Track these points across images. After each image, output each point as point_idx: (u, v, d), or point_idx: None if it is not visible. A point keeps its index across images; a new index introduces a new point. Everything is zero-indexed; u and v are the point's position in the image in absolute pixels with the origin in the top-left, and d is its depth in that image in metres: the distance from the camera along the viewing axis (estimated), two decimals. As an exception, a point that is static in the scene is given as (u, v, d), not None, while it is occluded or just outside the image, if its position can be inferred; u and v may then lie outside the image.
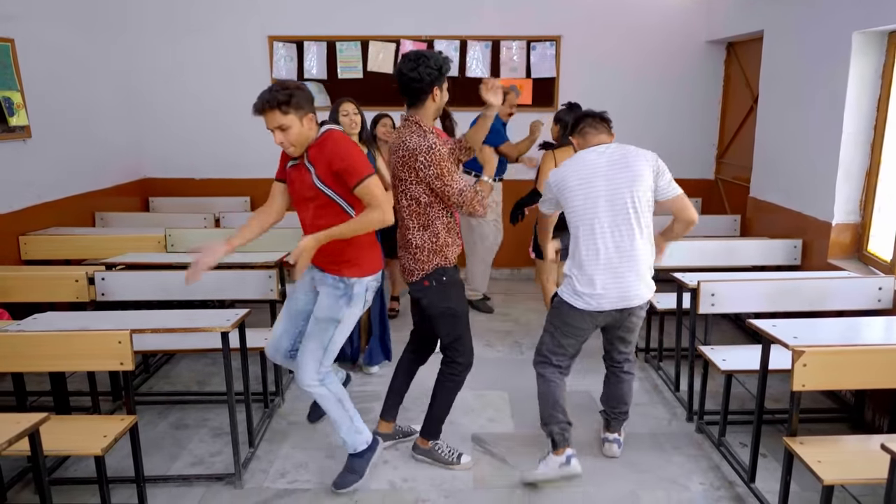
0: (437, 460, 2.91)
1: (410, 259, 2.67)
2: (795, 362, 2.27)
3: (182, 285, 3.33)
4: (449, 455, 2.92)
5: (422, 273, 2.65)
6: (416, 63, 2.50)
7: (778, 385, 3.43)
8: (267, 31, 5.61)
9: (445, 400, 2.88)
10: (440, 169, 2.51)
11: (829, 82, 3.70)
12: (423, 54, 2.53)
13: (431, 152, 2.50)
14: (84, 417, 2.90)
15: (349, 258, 2.55)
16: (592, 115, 2.81)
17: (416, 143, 2.51)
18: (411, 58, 2.53)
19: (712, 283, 3.14)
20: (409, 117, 2.61)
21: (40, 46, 4.36)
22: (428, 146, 2.50)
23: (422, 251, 2.63)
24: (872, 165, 3.60)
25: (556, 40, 5.63)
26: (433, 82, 2.54)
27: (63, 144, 4.61)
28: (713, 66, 5.68)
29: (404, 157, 2.54)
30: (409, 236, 2.65)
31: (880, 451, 1.96)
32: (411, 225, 2.64)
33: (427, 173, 2.51)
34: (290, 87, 2.38)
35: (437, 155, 2.51)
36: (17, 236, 4.16)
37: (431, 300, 2.70)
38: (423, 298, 2.72)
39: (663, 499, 2.74)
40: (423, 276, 2.65)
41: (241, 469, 2.86)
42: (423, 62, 2.50)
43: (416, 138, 2.53)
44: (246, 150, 5.73)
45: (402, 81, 2.56)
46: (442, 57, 2.56)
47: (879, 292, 3.13)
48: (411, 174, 2.55)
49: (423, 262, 2.64)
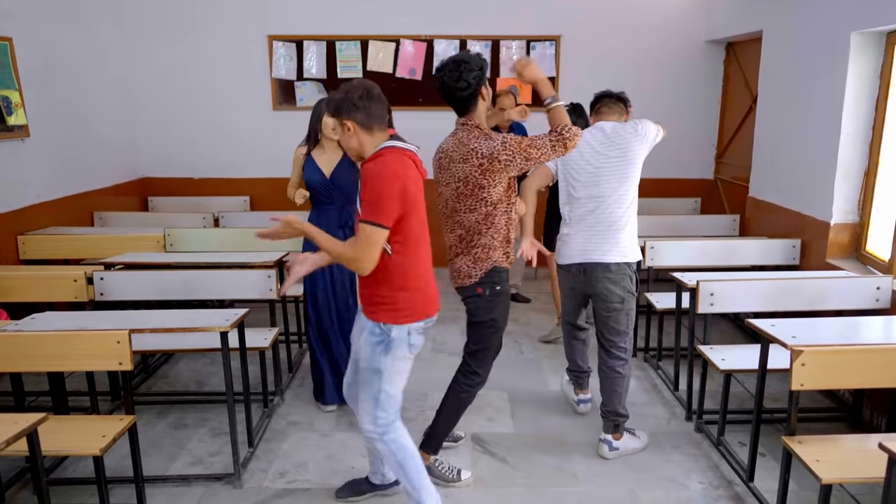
0: (436, 477, 2.78)
1: (471, 261, 2.61)
2: (794, 362, 2.27)
3: (181, 285, 3.35)
4: (449, 472, 2.83)
5: (480, 272, 2.59)
6: (459, 71, 2.45)
7: (776, 384, 3.43)
8: (266, 30, 5.61)
9: (453, 414, 2.81)
10: (524, 146, 2.47)
11: (828, 82, 3.70)
12: (461, 59, 2.48)
13: (506, 145, 2.47)
14: (83, 417, 2.90)
15: (383, 300, 2.29)
16: (609, 95, 3.10)
17: (491, 147, 2.47)
18: (450, 67, 2.47)
19: (711, 282, 3.14)
20: (467, 122, 2.56)
21: (38, 45, 4.36)
22: (502, 141, 2.48)
23: (484, 249, 2.59)
24: (871, 165, 3.60)
25: (555, 40, 5.63)
26: (479, 83, 2.50)
27: (61, 144, 4.61)
28: (712, 66, 5.68)
29: (482, 164, 2.48)
30: (478, 241, 2.59)
31: (878, 451, 1.96)
32: (483, 231, 2.59)
33: (517, 163, 2.48)
34: (343, 93, 2.22)
35: (513, 142, 2.47)
36: (15, 236, 4.15)
37: (479, 307, 2.65)
38: (471, 303, 2.67)
39: (662, 498, 2.74)
40: (478, 281, 2.60)
41: (241, 469, 2.85)
42: (465, 67, 2.46)
43: (486, 143, 2.49)
44: (245, 149, 5.74)
45: (448, 92, 2.51)
46: (478, 57, 2.52)
47: (877, 292, 3.14)
48: (496, 177, 2.50)
49: (484, 261, 2.59)
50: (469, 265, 2.61)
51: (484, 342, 2.72)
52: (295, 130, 3.84)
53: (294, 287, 4.14)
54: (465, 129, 2.56)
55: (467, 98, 2.51)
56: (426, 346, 4.32)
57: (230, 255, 3.95)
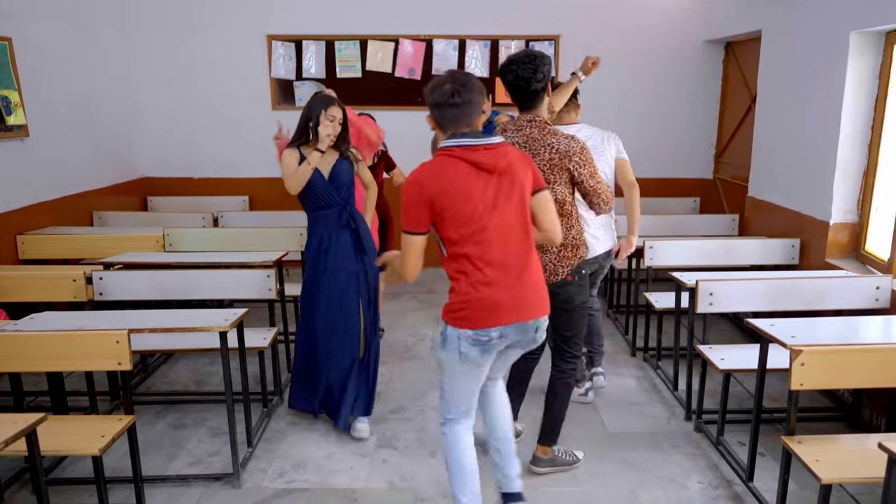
0: (561, 465, 2.87)
1: (554, 258, 2.63)
2: (793, 361, 2.27)
3: (180, 285, 3.35)
4: (568, 457, 2.92)
5: (566, 270, 2.64)
6: (535, 65, 2.44)
7: (776, 384, 3.43)
8: (265, 29, 5.61)
9: (565, 402, 2.84)
10: (593, 168, 2.56)
11: (827, 82, 3.70)
12: (533, 54, 2.47)
13: (584, 152, 2.53)
14: (82, 417, 2.90)
15: (449, 296, 2.25)
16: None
17: (568, 145, 2.51)
18: (525, 60, 2.45)
19: (710, 282, 3.14)
20: (535, 118, 2.56)
21: (38, 45, 4.35)
22: (581, 146, 2.53)
23: (566, 248, 2.62)
24: (870, 165, 3.60)
25: (554, 39, 5.63)
26: (547, 78, 2.52)
27: (61, 143, 4.60)
28: (711, 66, 5.68)
29: (552, 159, 2.52)
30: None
31: (878, 451, 1.96)
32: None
33: (582, 172, 2.53)
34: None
35: (589, 154, 2.56)
36: (14, 235, 4.15)
37: (572, 294, 2.68)
38: (563, 293, 2.67)
39: (661, 498, 2.74)
40: (567, 273, 2.65)
41: (240, 469, 2.85)
42: (542, 61, 2.45)
43: (564, 140, 2.52)
44: (244, 149, 5.73)
45: (521, 86, 2.49)
46: (542, 53, 2.51)
47: (877, 291, 3.14)
48: (562, 175, 2.54)
49: (569, 259, 2.64)
50: (554, 263, 2.63)
51: (579, 325, 2.77)
52: (294, 130, 3.83)
53: (293, 286, 4.15)
54: (536, 126, 2.56)
55: (536, 91, 2.50)
56: (425, 346, 4.32)
57: (229, 255, 3.94)
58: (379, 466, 2.95)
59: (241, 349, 2.94)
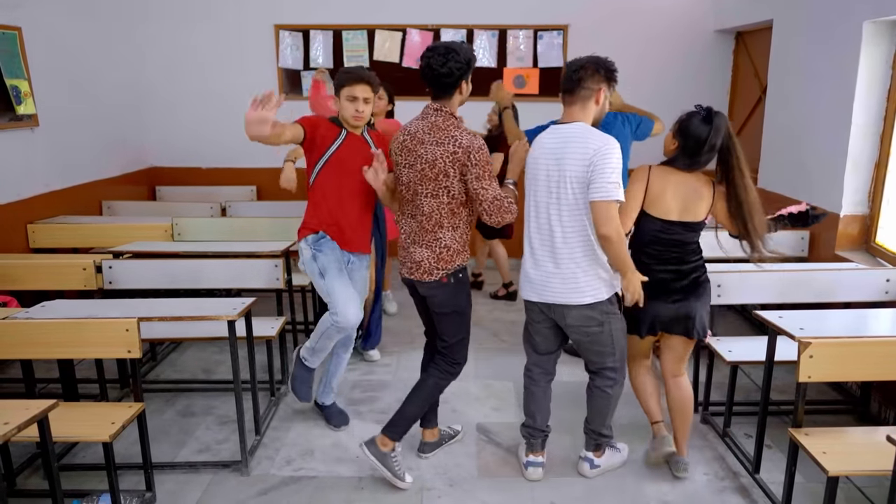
0: (387, 468, 2.68)
1: (433, 258, 2.57)
2: (801, 354, 2.27)
3: (189, 274, 3.37)
4: (398, 468, 2.71)
5: (443, 272, 2.58)
6: (446, 58, 2.45)
7: (783, 376, 3.42)
8: (273, 19, 5.60)
9: (427, 400, 2.78)
10: (484, 171, 2.46)
11: (839, 72, 3.66)
12: (451, 48, 2.47)
13: (481, 152, 2.46)
14: (92, 404, 2.92)
15: None
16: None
17: (469, 141, 2.46)
18: (440, 52, 2.46)
19: (718, 273, 3.12)
20: (442, 108, 2.53)
21: (47, 35, 4.36)
22: (479, 145, 2.47)
23: (448, 251, 2.57)
24: (881, 157, 3.57)
25: (563, 29, 5.59)
26: (462, 76, 2.50)
27: (70, 133, 4.62)
28: (721, 56, 5.63)
29: (455, 153, 2.46)
30: (440, 235, 2.56)
31: (886, 443, 1.96)
32: (445, 224, 2.55)
33: (470, 172, 2.46)
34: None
35: (485, 156, 2.47)
36: (25, 224, 4.18)
37: (446, 298, 2.63)
38: (437, 296, 2.64)
39: (668, 489, 2.75)
40: (443, 275, 2.59)
41: (248, 456, 2.87)
42: (453, 56, 2.45)
43: (466, 135, 2.48)
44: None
45: (431, 75, 2.49)
46: (470, 50, 2.52)
47: (887, 284, 3.11)
48: (458, 170, 2.48)
49: (448, 262, 2.57)
50: (432, 262, 2.58)
51: (461, 331, 2.71)
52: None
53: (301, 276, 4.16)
54: (441, 115, 2.53)
55: (445, 85, 2.50)
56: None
57: (237, 245, 3.95)
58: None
59: (249, 338, 2.95)
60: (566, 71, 2.53)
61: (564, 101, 2.51)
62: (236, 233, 4.26)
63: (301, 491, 2.74)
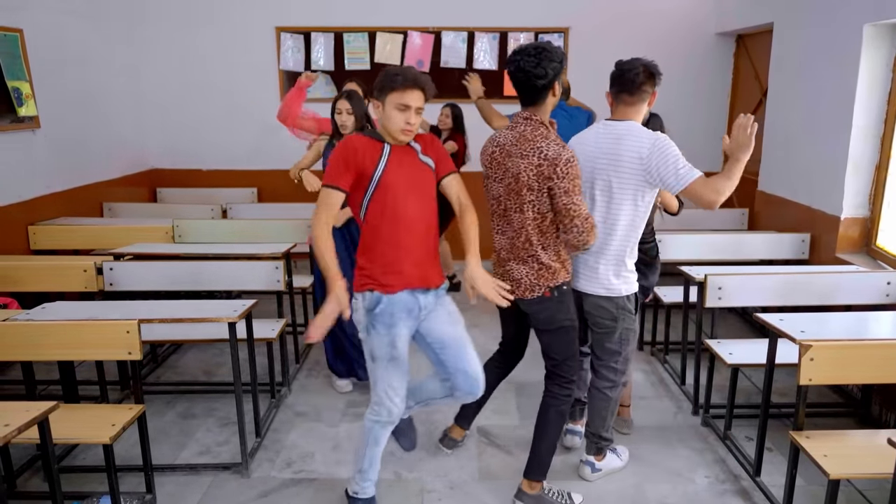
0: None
1: (533, 275, 2.42)
2: (802, 356, 2.26)
3: (189, 276, 3.37)
4: (560, 498, 2.62)
5: (545, 287, 2.43)
6: (539, 58, 2.26)
7: (784, 379, 3.42)
8: (274, 21, 5.61)
9: (556, 430, 2.59)
10: (573, 185, 2.28)
11: (840, 75, 3.66)
12: (542, 47, 2.28)
13: (570, 164, 2.27)
14: (92, 406, 2.92)
15: None
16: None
17: (557, 153, 2.27)
18: (531, 52, 2.27)
19: (719, 276, 3.12)
20: (532, 116, 2.36)
21: (49, 37, 4.37)
22: (568, 157, 2.28)
23: (548, 269, 2.41)
24: (882, 159, 3.57)
25: (564, 32, 5.60)
26: (556, 77, 2.32)
27: (71, 134, 4.63)
28: (722, 59, 5.64)
29: (540, 165, 2.28)
30: (535, 252, 2.40)
31: (887, 446, 1.95)
32: (534, 241, 2.38)
33: (559, 185, 2.27)
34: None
35: (574, 169, 2.28)
36: (25, 226, 4.18)
37: (553, 314, 2.47)
38: (542, 313, 2.48)
39: (668, 492, 2.75)
40: (545, 289, 2.44)
41: (248, 458, 2.88)
42: (546, 56, 2.26)
43: (554, 146, 2.29)
44: (253, 141, 5.74)
45: (522, 79, 2.31)
46: (560, 49, 2.34)
47: (888, 287, 3.11)
48: (546, 183, 2.30)
49: (549, 279, 2.42)
50: (532, 279, 2.43)
51: (570, 348, 2.54)
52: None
53: (301, 278, 4.17)
54: (531, 125, 2.35)
55: (540, 88, 2.32)
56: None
57: (238, 247, 3.95)
58: (386, 458, 2.94)
59: (249, 340, 2.95)
60: (620, 72, 2.57)
61: (620, 100, 2.55)
62: (237, 235, 4.26)
63: (301, 493, 2.73)
